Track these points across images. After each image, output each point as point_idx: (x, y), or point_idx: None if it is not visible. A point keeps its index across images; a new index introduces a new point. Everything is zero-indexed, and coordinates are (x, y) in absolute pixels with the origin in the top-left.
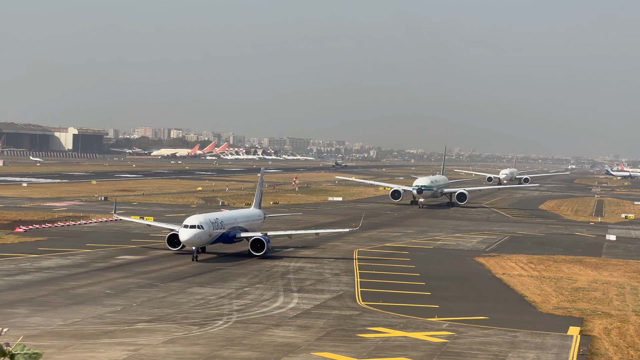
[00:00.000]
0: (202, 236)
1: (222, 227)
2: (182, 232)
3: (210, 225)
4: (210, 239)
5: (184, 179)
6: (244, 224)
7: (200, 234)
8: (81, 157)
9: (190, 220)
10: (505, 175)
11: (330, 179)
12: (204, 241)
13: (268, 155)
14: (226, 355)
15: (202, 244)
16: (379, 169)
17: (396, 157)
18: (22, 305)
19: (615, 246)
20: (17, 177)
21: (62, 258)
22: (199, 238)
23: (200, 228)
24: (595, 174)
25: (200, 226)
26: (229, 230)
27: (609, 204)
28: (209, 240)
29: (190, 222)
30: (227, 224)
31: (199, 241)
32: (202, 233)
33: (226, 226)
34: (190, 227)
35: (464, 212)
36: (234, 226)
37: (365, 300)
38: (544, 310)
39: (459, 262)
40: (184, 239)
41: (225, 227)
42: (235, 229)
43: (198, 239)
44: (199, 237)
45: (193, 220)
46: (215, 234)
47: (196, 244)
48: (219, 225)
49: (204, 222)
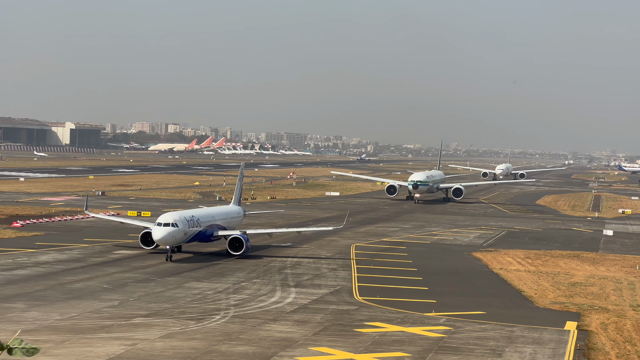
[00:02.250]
0: (177, 235)
1: (198, 225)
2: (156, 230)
3: (185, 223)
4: (186, 237)
5: (181, 173)
6: (222, 221)
7: (174, 232)
8: (78, 151)
9: (164, 217)
10: (500, 170)
11: (328, 174)
12: (178, 240)
13: (265, 150)
14: (223, 350)
15: (177, 243)
16: (376, 164)
17: (393, 152)
18: (19, 299)
19: (612, 241)
20: (14, 172)
21: (59, 253)
22: (173, 237)
23: (175, 226)
24: (592, 169)
25: (174, 224)
26: (205, 228)
27: (606, 199)
28: (184, 239)
29: (164, 220)
30: (204, 222)
31: (173, 240)
32: (177, 231)
33: (203, 224)
34: (164, 225)
35: (461, 207)
36: (211, 224)
37: (363, 295)
38: (541, 305)
39: (456, 257)
40: (157, 237)
41: (202, 225)
42: (213, 226)
43: (172, 237)
44: (173, 236)
45: (167, 217)
46: (190, 232)
47: (170, 243)
48: (195, 223)
49: (178, 220)
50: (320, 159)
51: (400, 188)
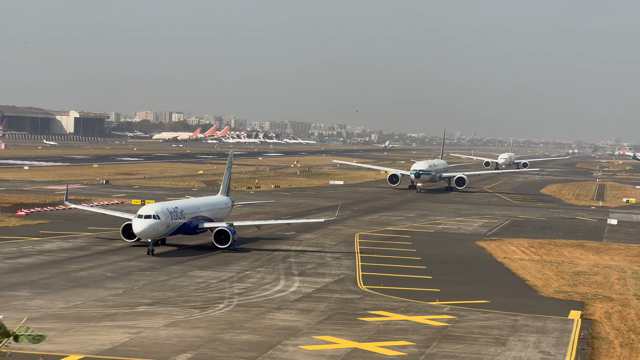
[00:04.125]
0: (159, 227)
1: (182, 216)
2: (136, 222)
3: (168, 214)
4: (168, 230)
5: (185, 162)
6: (208, 212)
7: (156, 224)
8: (82, 140)
9: (145, 209)
10: (503, 160)
11: (332, 163)
12: (160, 233)
13: (269, 139)
14: (227, 338)
15: (159, 236)
16: (380, 152)
17: (397, 141)
18: (23, 287)
19: (616, 230)
20: (19, 160)
21: (63, 241)
22: (154, 229)
23: (157, 218)
24: (597, 158)
25: (156, 216)
26: (190, 220)
27: (610, 188)
28: (167, 231)
29: (145, 212)
30: (188, 213)
31: (155, 233)
32: (159, 224)
33: (187, 215)
34: (145, 217)
35: (465, 196)
36: (197, 215)
37: (367, 283)
38: (545, 294)
39: (460, 246)
40: (137, 230)
41: (186, 217)
42: (198, 218)
43: (154, 230)
44: (154, 229)
45: (148, 209)
46: (174, 224)
47: (152, 236)
48: (179, 214)
49: (160, 212)
50: (325, 148)
51: (402, 177)
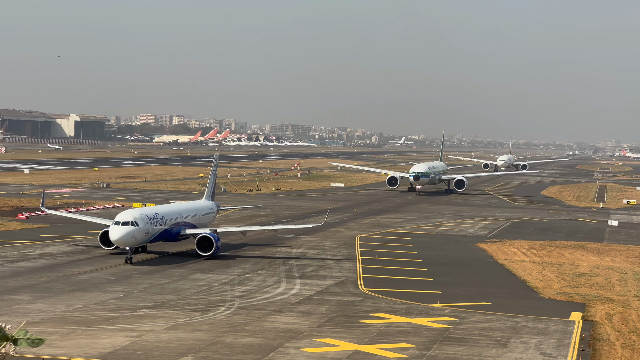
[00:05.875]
0: (137, 234)
1: (162, 223)
2: (113, 230)
3: (146, 221)
4: (148, 237)
5: (185, 165)
6: (191, 218)
7: (133, 232)
8: (83, 143)
9: (122, 215)
10: (502, 161)
11: (332, 166)
12: (139, 240)
13: (270, 141)
14: (228, 341)
15: (137, 244)
16: (380, 155)
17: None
18: (24, 291)
19: (617, 232)
20: (19, 164)
21: (64, 244)
22: (132, 237)
23: (135, 225)
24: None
25: (134, 222)
26: (172, 226)
27: (610, 189)
28: (146, 238)
29: (122, 219)
30: (170, 219)
31: (133, 240)
32: (137, 231)
33: (168, 222)
34: (123, 224)
35: (465, 198)
36: (178, 222)
37: (368, 286)
38: (546, 296)
39: (461, 248)
40: (114, 237)
41: (167, 223)
42: (180, 224)
43: (131, 237)
44: (132, 236)
45: (126, 215)
46: (153, 231)
47: (130, 244)
48: (159, 221)
49: (139, 218)
50: (325, 150)
51: (401, 180)
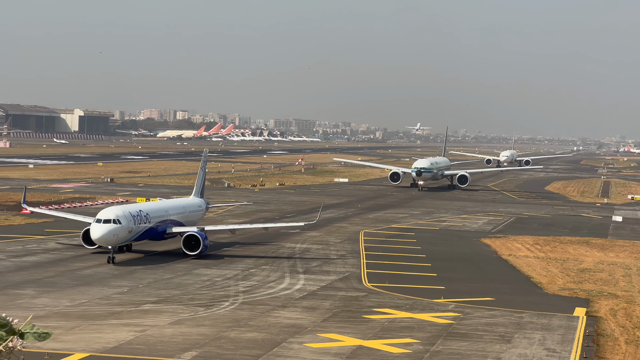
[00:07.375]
0: (120, 233)
1: (147, 220)
2: (94, 228)
3: (130, 219)
4: (131, 235)
5: (189, 160)
6: (178, 216)
7: (116, 230)
8: (87, 138)
9: (104, 213)
10: (505, 157)
11: (336, 161)
12: (121, 239)
13: (274, 136)
14: (232, 336)
15: (120, 242)
16: (384, 150)
17: (402, 139)
18: (29, 286)
19: (621, 227)
20: (24, 159)
21: (68, 239)
22: (114, 235)
23: (117, 223)
24: (601, 155)
25: (116, 220)
26: (157, 224)
27: (615, 185)
28: (129, 237)
29: (104, 216)
30: (155, 217)
31: (115, 239)
32: (119, 229)
33: (153, 220)
34: (104, 222)
35: (469, 194)
36: (164, 219)
37: (371, 281)
38: (550, 292)
39: (465, 243)
40: (95, 236)
41: (152, 221)
42: (166, 222)
43: (113, 236)
44: (114, 234)
45: (107, 213)
46: (137, 229)
47: (112, 243)
48: (143, 218)
49: (121, 216)
50: (329, 145)
51: (404, 175)
